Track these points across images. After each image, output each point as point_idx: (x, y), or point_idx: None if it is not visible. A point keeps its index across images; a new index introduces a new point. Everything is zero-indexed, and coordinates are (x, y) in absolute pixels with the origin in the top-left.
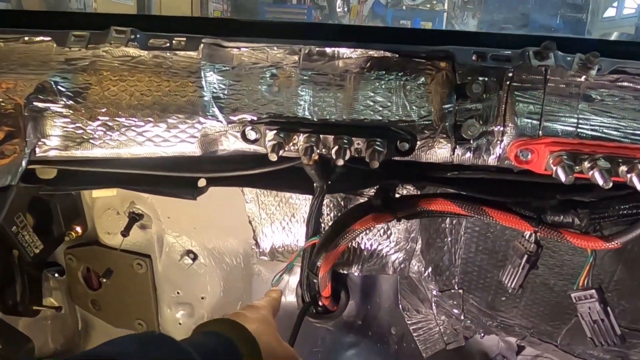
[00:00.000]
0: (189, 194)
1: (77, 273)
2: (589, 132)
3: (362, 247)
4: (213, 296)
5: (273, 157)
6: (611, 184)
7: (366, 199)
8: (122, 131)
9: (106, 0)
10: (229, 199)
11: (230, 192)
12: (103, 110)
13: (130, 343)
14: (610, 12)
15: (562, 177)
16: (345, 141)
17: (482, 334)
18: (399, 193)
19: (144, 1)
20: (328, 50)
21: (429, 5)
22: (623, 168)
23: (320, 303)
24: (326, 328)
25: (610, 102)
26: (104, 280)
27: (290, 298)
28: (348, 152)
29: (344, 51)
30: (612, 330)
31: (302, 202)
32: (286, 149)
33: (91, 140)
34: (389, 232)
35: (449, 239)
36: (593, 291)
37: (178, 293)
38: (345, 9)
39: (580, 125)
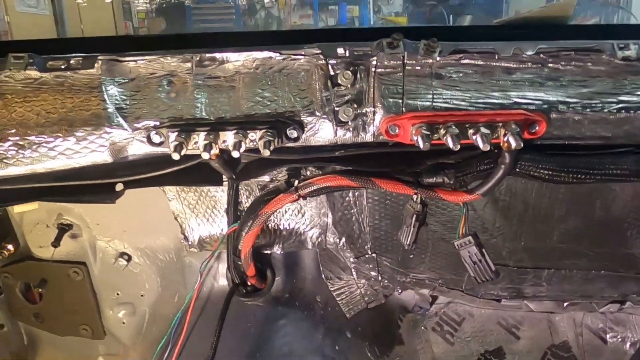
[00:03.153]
0: (108, 199)
1: (14, 290)
2: (442, 105)
3: (281, 227)
4: (152, 292)
5: (176, 157)
6: (459, 146)
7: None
8: (34, 148)
9: (21, 13)
10: (153, 200)
11: (153, 194)
12: (12, 131)
13: None
14: None
15: (421, 145)
16: (240, 135)
17: (399, 291)
18: (304, 175)
19: (62, 12)
20: (217, 55)
21: None
22: (470, 131)
23: (248, 283)
24: (256, 305)
25: (456, 77)
26: (39, 290)
27: (222, 282)
28: (243, 144)
29: (232, 55)
30: (488, 268)
31: (221, 194)
32: (189, 147)
33: (4, 160)
34: (302, 211)
35: (355, 210)
36: (470, 237)
37: (118, 294)
38: (274, 0)
39: (435, 100)
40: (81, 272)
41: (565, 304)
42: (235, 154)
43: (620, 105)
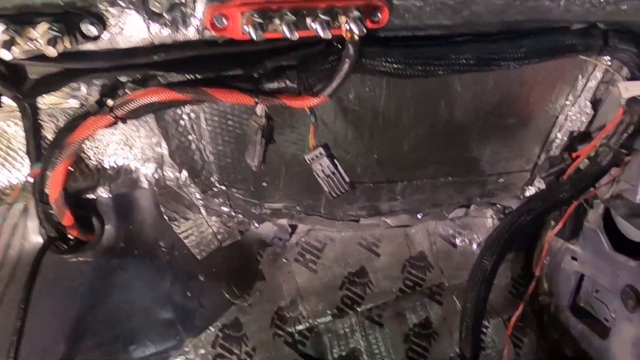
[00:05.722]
0: None
1: None
2: None
3: (105, 165)
4: None
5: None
6: (297, 36)
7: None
8: None
9: None
10: None
11: None
12: None
13: None
14: None
15: (254, 36)
16: (12, 31)
17: (256, 225)
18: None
19: None
20: None
21: None
22: (309, 20)
23: (70, 237)
24: (84, 260)
25: None
26: None
27: (38, 239)
28: (18, 45)
29: None
30: (342, 180)
31: (17, 129)
32: None
33: None
34: (129, 142)
35: (193, 136)
36: (320, 148)
37: None
38: None
39: None
40: None
41: (419, 216)
42: (6, 56)
43: None
